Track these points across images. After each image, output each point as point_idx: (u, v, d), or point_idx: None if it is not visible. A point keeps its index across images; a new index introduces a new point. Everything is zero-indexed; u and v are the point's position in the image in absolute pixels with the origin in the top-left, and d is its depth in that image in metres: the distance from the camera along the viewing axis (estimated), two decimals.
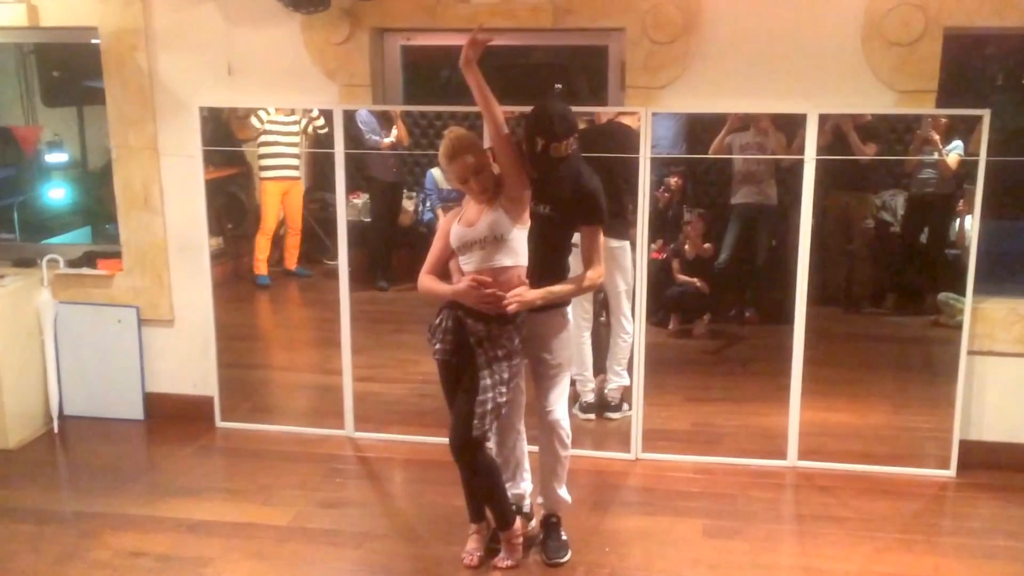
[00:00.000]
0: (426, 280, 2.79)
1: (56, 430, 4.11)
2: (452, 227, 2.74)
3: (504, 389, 2.70)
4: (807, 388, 3.60)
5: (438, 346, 2.78)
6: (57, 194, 5.08)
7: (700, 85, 3.52)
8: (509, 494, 2.97)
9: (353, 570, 2.96)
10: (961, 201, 3.75)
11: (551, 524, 3.02)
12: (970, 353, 3.55)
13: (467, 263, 2.71)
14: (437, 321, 2.79)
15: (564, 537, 3.01)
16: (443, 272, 2.80)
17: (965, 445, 3.59)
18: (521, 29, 3.62)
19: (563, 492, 3.01)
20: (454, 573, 2.92)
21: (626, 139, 3.56)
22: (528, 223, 2.72)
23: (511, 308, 2.63)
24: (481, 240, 2.66)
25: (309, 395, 4.32)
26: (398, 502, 3.47)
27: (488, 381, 2.67)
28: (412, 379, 4.10)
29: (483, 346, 2.69)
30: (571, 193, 2.73)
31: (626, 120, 3.64)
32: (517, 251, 2.69)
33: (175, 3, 3.80)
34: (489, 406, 2.67)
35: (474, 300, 2.64)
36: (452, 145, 2.66)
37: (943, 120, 3.64)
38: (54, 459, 3.94)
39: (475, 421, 2.67)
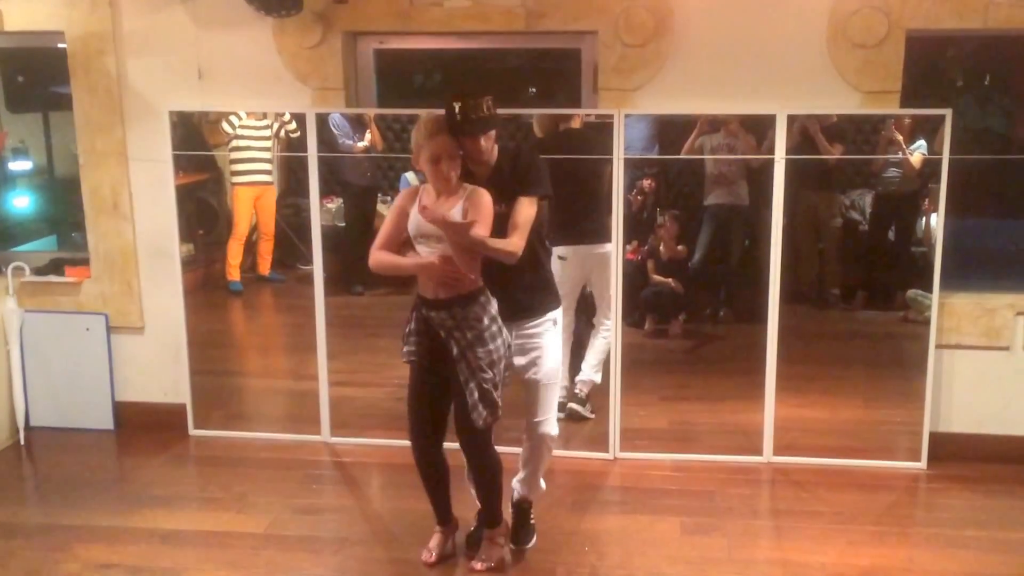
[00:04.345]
0: (382, 255, 2.70)
1: (22, 442, 4.02)
2: (411, 213, 2.69)
3: (488, 375, 2.64)
4: (781, 385, 3.65)
5: (405, 348, 2.77)
6: (21, 202, 4.98)
7: (672, 87, 3.57)
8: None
9: None
10: (926, 199, 3.84)
11: (522, 510, 3.04)
12: (938, 347, 3.63)
13: (423, 251, 2.66)
14: (407, 327, 2.78)
15: (532, 521, 3.07)
16: (396, 251, 2.73)
17: (935, 437, 3.67)
18: (494, 32, 3.64)
19: (542, 482, 3.06)
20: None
21: (585, 141, 3.64)
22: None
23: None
24: (438, 235, 2.62)
25: (284, 401, 4.28)
26: (376, 507, 3.44)
27: (467, 371, 2.65)
28: (388, 383, 4.06)
29: (454, 336, 2.66)
30: (511, 176, 2.73)
31: (575, 124, 3.71)
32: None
33: (144, 6, 3.76)
34: (476, 395, 2.64)
35: (438, 275, 2.60)
36: (435, 122, 2.62)
37: (907, 120, 3.74)
38: (20, 472, 3.85)
39: (471, 413, 2.65)
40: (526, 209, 2.68)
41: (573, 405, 3.94)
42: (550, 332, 2.85)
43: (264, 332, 4.79)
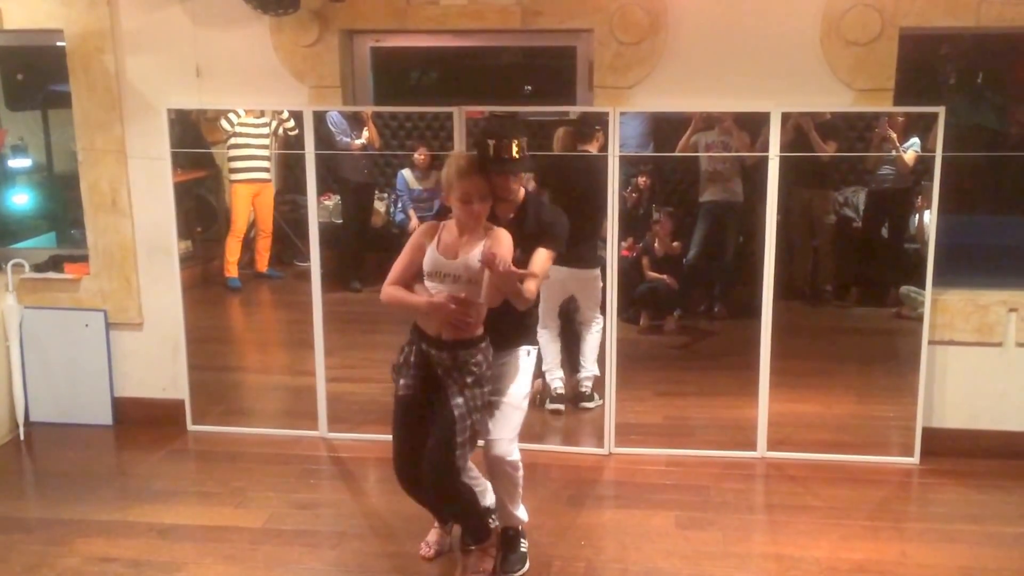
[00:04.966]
0: (393, 290, 2.69)
1: (22, 437, 4.05)
2: (428, 249, 2.68)
3: (478, 416, 2.68)
4: (775, 380, 3.67)
5: (403, 382, 2.73)
6: (21, 199, 4.99)
7: (667, 85, 3.59)
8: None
9: (328, 570, 2.95)
10: (919, 196, 3.86)
11: (508, 537, 2.97)
12: (931, 343, 3.65)
13: (435, 290, 2.66)
14: (401, 358, 2.75)
15: (523, 549, 2.96)
16: (408, 287, 2.72)
17: (928, 433, 3.69)
18: (490, 30, 3.66)
19: (519, 512, 2.94)
20: (430, 571, 2.93)
21: (591, 166, 3.65)
22: None
23: (492, 257, 2.44)
24: (455, 275, 2.63)
25: (282, 397, 4.30)
26: (373, 501, 3.46)
27: (465, 409, 2.64)
28: (385, 379, 4.02)
29: (452, 376, 2.66)
30: (535, 226, 2.76)
31: (591, 148, 3.73)
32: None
33: (142, 5, 3.78)
34: (468, 434, 2.65)
35: (447, 316, 2.60)
36: (469, 162, 2.62)
37: (900, 117, 3.75)
38: (20, 466, 3.87)
39: (457, 451, 2.64)
40: (546, 261, 2.72)
41: (584, 404, 3.98)
42: (522, 360, 2.86)
43: (262, 328, 4.82)
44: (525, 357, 2.86)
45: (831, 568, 2.92)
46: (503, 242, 2.61)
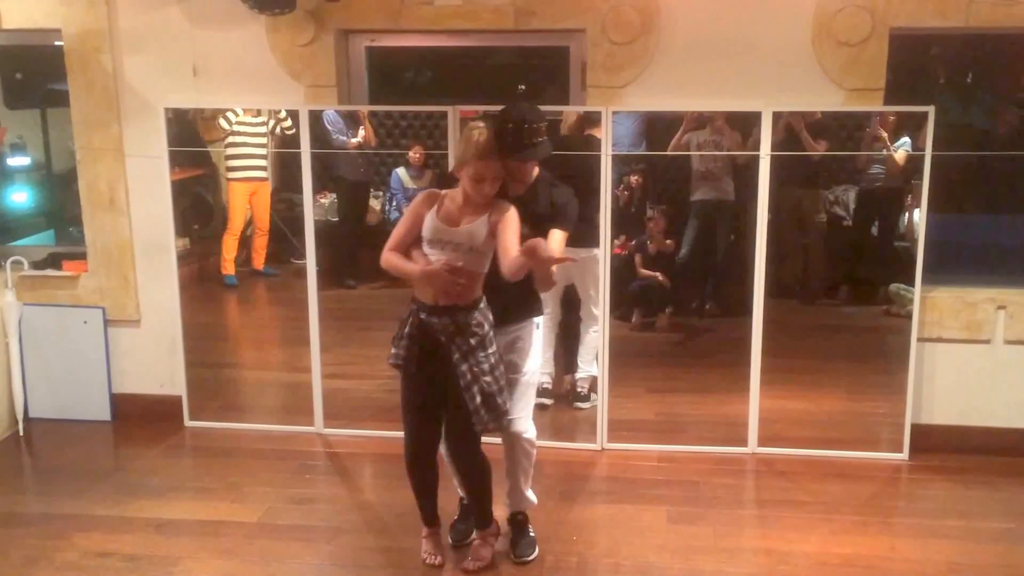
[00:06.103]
0: (392, 256, 2.71)
1: (21, 432, 4.08)
2: (428, 216, 2.69)
3: (490, 379, 2.66)
4: (766, 377, 3.70)
5: (394, 351, 2.74)
6: (20, 197, 5.02)
7: (659, 84, 3.61)
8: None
9: (323, 565, 2.98)
10: (909, 195, 3.90)
11: (518, 522, 3.01)
12: (920, 340, 3.68)
13: (435, 257, 2.67)
14: (399, 330, 2.76)
15: (532, 534, 3.01)
16: (407, 254, 2.73)
17: (917, 429, 3.72)
18: (484, 30, 3.69)
19: (529, 493, 2.99)
20: (424, 566, 2.95)
21: (585, 146, 3.68)
22: None
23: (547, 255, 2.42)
24: (456, 243, 2.64)
25: (278, 393, 4.33)
26: (368, 497, 3.49)
27: (469, 376, 2.65)
28: (380, 375, 4.09)
29: (455, 341, 2.66)
30: (547, 207, 2.77)
31: (596, 132, 3.72)
32: (485, 263, 2.69)
33: (140, 4, 3.81)
34: (479, 399, 2.65)
35: (442, 284, 2.61)
36: (488, 143, 2.55)
37: (890, 117, 3.78)
38: (19, 462, 3.91)
39: (472, 418, 2.66)
40: (561, 243, 2.71)
41: (579, 404, 3.99)
42: (532, 335, 2.88)
43: (258, 325, 4.84)
44: (535, 331, 2.87)
45: (820, 562, 2.95)
46: (511, 216, 2.61)
